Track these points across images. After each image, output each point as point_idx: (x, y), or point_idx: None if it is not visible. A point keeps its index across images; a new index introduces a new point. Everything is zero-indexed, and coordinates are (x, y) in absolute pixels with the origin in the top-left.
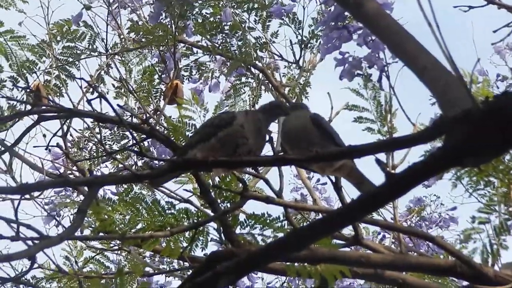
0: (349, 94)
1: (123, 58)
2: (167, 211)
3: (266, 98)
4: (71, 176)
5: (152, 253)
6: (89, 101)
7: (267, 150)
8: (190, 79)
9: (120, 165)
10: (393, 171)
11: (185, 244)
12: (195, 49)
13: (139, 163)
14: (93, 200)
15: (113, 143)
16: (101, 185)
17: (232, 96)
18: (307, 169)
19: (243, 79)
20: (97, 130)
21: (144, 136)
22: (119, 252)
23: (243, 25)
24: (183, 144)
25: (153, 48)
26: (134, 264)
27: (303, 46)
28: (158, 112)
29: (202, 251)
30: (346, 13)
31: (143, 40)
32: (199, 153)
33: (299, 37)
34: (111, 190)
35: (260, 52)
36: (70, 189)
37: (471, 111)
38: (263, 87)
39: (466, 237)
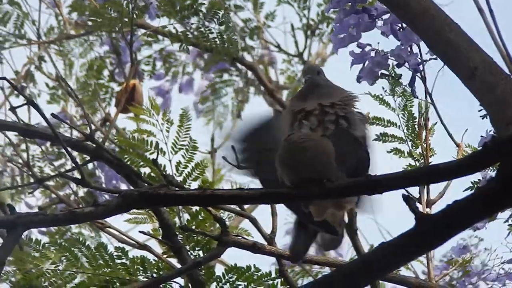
0: (370, 101)
1: (61, 48)
2: (116, 260)
3: (256, 103)
4: None
5: None
6: (13, 108)
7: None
8: (152, 75)
9: (54, 195)
10: (427, 211)
11: None
12: (160, 37)
13: (80, 193)
14: (14, 246)
15: (44, 164)
16: (26, 228)
17: (211, 99)
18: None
19: (226, 77)
20: (23, 146)
21: (87, 157)
22: None
23: (227, 3)
24: None
25: (102, 34)
26: None
27: (309, 33)
28: (108, 123)
29: None
30: None
31: (89, 23)
32: None
33: (304, 21)
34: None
35: (250, 40)
36: None
37: None
38: (252, 89)
39: None
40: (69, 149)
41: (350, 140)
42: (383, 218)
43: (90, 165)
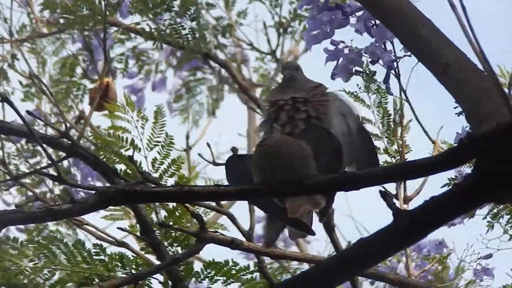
0: None
1: (34, 46)
2: (94, 256)
3: (231, 101)
4: None
5: None
6: None
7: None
8: (125, 73)
9: (30, 193)
10: (404, 207)
11: None
12: (133, 34)
13: (56, 190)
14: None
15: (20, 162)
16: (4, 225)
17: (185, 97)
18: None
19: (199, 75)
20: None
21: (63, 154)
22: None
23: (199, 0)
24: None
25: (75, 32)
26: None
27: (281, 31)
28: (82, 121)
29: None
30: None
31: (62, 21)
32: None
33: (276, 19)
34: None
35: (222, 38)
36: None
37: (511, 126)
38: (226, 87)
39: None
40: (44, 146)
41: (324, 136)
42: (360, 215)
43: (65, 163)
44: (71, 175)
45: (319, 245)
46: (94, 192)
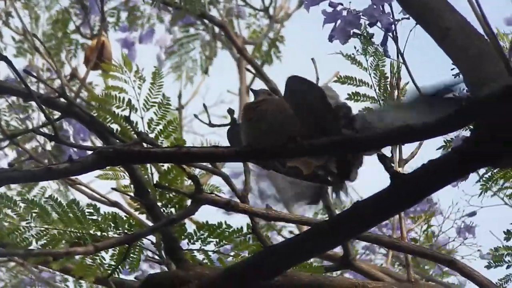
0: (341, 60)
1: (26, 1)
2: (88, 216)
3: (224, 56)
4: None
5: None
6: None
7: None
8: (117, 27)
9: (23, 152)
10: (399, 170)
11: (110, 263)
12: None
13: (47, 147)
14: None
15: (11, 118)
16: (2, 183)
17: (178, 53)
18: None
19: (192, 31)
20: None
21: (59, 113)
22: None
23: None
24: None
25: None
26: None
27: None
28: (77, 79)
29: (131, 273)
30: None
31: None
32: None
33: None
34: None
35: None
36: None
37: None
38: (219, 43)
39: (496, 258)
40: (43, 107)
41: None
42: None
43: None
44: (63, 131)
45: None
46: (91, 152)
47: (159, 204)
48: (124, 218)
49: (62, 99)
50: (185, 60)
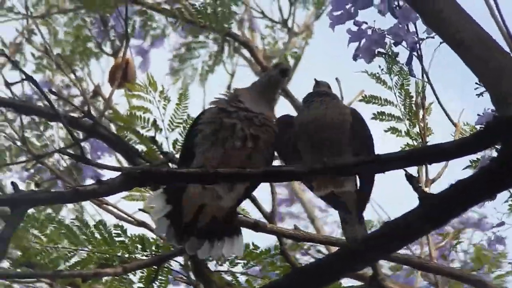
0: (366, 79)
1: (48, 19)
2: (115, 238)
3: (244, 72)
4: None
5: None
6: (8, 84)
7: None
8: (132, 36)
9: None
10: (427, 190)
11: (139, 285)
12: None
13: (64, 163)
14: (17, 225)
15: (32, 135)
16: (30, 205)
17: (183, 57)
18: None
19: (201, 38)
20: (7, 118)
21: (84, 133)
22: None
23: None
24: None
25: (94, 10)
26: None
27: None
28: (101, 98)
29: None
30: None
31: None
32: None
33: None
34: None
35: (234, 7)
36: None
37: None
38: (235, 56)
39: None
40: (69, 128)
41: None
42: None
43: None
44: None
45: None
46: (119, 173)
47: None
48: (152, 240)
49: (86, 119)
50: (186, 66)
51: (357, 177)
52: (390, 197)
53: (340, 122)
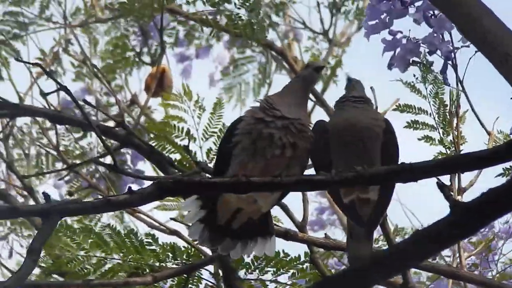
0: (401, 88)
1: (87, 29)
2: (146, 246)
3: (281, 80)
4: (15, 196)
5: None
6: (44, 95)
7: None
8: (175, 46)
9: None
10: (458, 198)
11: None
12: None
13: (100, 172)
14: (49, 235)
15: (69, 143)
16: (61, 216)
17: (231, 73)
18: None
19: (248, 52)
20: (45, 126)
21: (117, 143)
22: None
23: None
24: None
25: (132, 19)
26: None
27: (334, 10)
28: (137, 107)
29: None
30: None
31: (117, 7)
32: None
33: None
34: None
35: (275, 17)
36: None
37: None
38: (274, 65)
39: None
40: (102, 137)
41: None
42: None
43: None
44: (120, 154)
45: None
46: (151, 182)
47: None
48: (183, 248)
49: (121, 129)
50: (238, 82)
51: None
52: (424, 205)
53: (373, 126)
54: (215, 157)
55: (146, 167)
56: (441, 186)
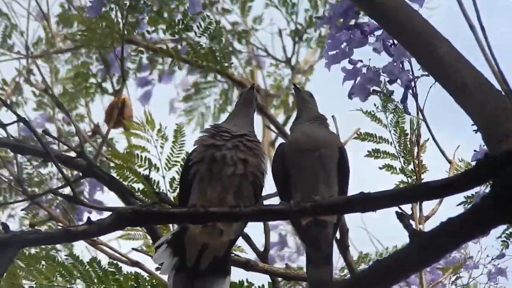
0: (362, 117)
1: (48, 59)
2: (110, 276)
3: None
4: None
5: None
6: (3, 126)
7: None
8: (138, 72)
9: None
10: (420, 227)
11: None
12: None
13: (59, 202)
14: (8, 266)
15: (32, 172)
16: (21, 246)
17: (193, 96)
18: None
19: (210, 77)
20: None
21: (79, 173)
22: None
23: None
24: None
25: (92, 49)
26: None
27: (296, 38)
28: (98, 136)
29: None
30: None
31: (79, 37)
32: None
33: (292, 26)
34: None
35: (238, 44)
36: None
37: None
38: (235, 91)
39: None
40: (61, 168)
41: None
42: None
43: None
44: (80, 184)
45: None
46: (110, 213)
47: None
48: (147, 278)
49: (81, 159)
50: (199, 105)
51: None
52: (389, 229)
53: (329, 138)
54: (178, 188)
55: (105, 197)
56: (400, 215)
